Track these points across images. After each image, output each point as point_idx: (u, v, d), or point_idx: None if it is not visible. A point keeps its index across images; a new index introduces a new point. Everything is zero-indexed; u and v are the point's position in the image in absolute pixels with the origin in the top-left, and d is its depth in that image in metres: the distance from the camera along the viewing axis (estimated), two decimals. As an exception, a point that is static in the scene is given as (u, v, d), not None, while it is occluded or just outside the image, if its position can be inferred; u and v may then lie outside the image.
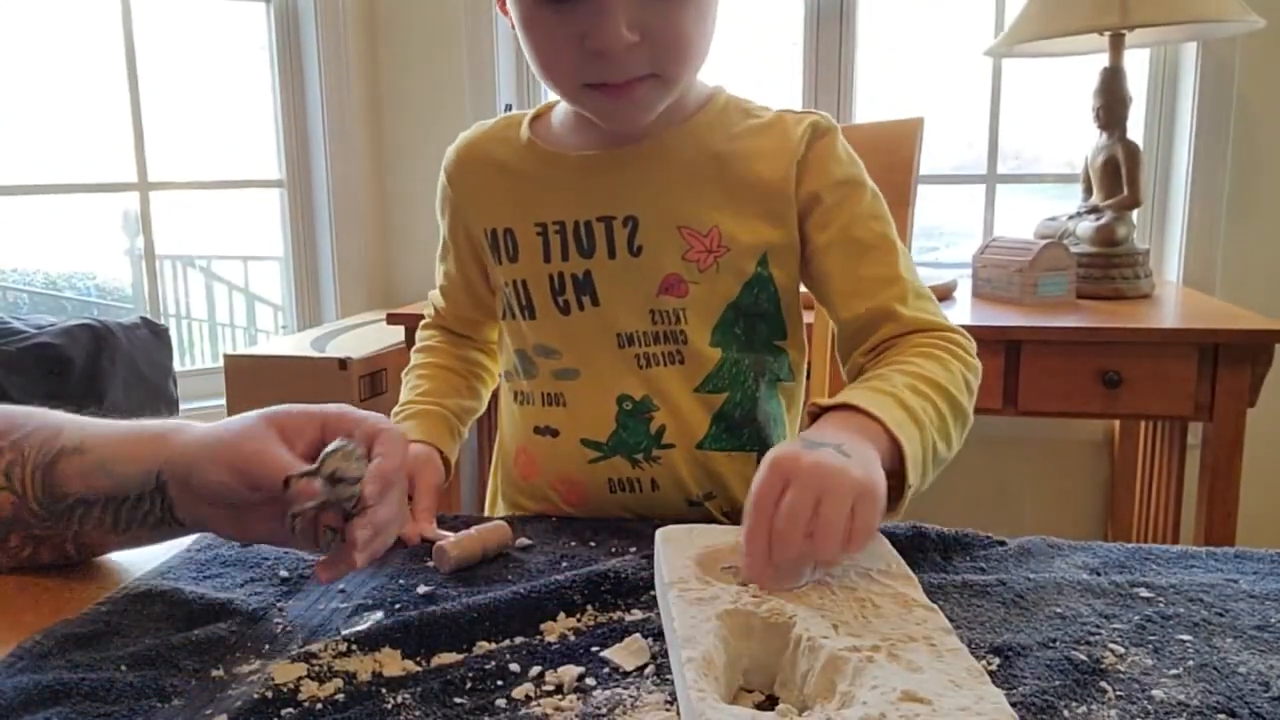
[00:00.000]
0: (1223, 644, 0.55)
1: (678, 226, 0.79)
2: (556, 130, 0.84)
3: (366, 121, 2.39)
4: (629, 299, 0.80)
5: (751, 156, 0.80)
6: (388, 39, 2.39)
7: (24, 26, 2.34)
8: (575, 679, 0.51)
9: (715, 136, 0.81)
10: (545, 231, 0.81)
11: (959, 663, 0.47)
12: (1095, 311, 1.65)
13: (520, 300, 0.83)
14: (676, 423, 0.81)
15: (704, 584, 0.55)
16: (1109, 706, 0.48)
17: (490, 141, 0.86)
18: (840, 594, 0.54)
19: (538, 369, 0.84)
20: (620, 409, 0.81)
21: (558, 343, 0.82)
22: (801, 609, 0.51)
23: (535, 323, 0.83)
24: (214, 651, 0.55)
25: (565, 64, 0.72)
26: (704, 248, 0.79)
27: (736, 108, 0.83)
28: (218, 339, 3.92)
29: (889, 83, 2.31)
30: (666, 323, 0.80)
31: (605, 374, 0.81)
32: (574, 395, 0.82)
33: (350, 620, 0.59)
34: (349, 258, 2.40)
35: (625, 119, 0.76)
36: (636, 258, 0.79)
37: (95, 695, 0.50)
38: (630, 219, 0.79)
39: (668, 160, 0.80)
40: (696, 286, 0.80)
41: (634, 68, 0.71)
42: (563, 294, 0.81)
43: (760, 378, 0.83)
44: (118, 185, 2.33)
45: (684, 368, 0.81)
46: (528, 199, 0.82)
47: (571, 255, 0.80)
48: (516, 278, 0.83)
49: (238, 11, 2.37)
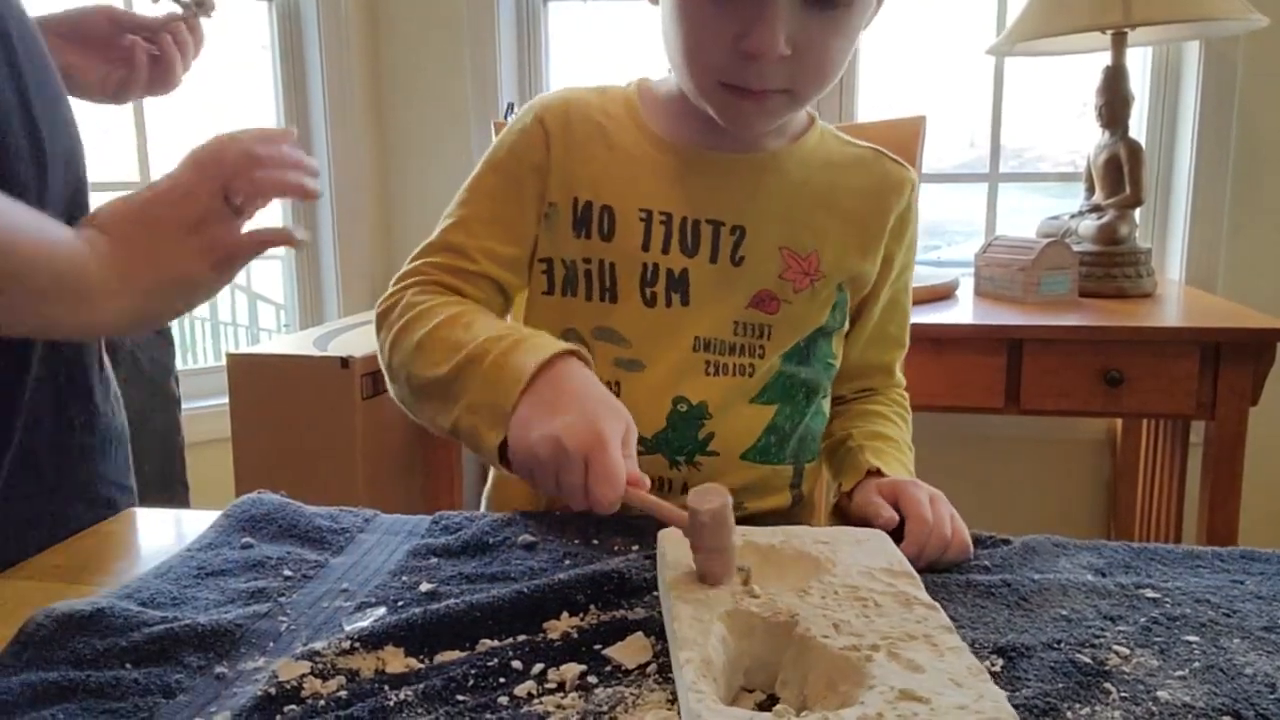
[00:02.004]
0: (1229, 645, 0.54)
1: (780, 246, 0.80)
2: (661, 116, 0.82)
3: (368, 121, 2.39)
4: (719, 306, 0.80)
5: (856, 192, 0.83)
6: (390, 38, 2.39)
7: (26, 25, 2.34)
8: (577, 677, 0.51)
9: (821, 162, 0.83)
10: (649, 219, 0.79)
11: (960, 661, 0.46)
12: (1097, 310, 1.65)
13: (602, 281, 0.80)
14: (726, 431, 0.81)
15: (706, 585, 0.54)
16: (1113, 708, 0.48)
17: (596, 109, 0.83)
18: (842, 592, 0.54)
19: (592, 352, 0.78)
20: (674, 409, 0.80)
21: (630, 333, 0.80)
22: (803, 608, 0.51)
23: (611, 306, 0.80)
24: (218, 648, 0.56)
25: (711, 59, 0.72)
26: (802, 270, 0.81)
27: (833, 135, 0.86)
28: (220, 338, 3.92)
29: (891, 81, 2.30)
30: (749, 335, 0.81)
31: (670, 373, 0.80)
32: (631, 387, 0.80)
33: (353, 618, 0.59)
34: (351, 257, 2.40)
35: (749, 125, 0.76)
36: (737, 267, 0.80)
37: (100, 691, 0.50)
38: (738, 228, 0.79)
39: (781, 177, 0.81)
40: (789, 306, 0.81)
41: (776, 79, 0.71)
42: (653, 285, 0.79)
43: (813, 395, 0.85)
44: (119, 184, 2.33)
45: (749, 380, 0.81)
46: (635, 180, 0.80)
47: (673, 249, 0.79)
48: (604, 258, 0.80)
49: (240, 11, 2.37)
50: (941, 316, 1.65)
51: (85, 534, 0.77)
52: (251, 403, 1.74)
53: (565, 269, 0.81)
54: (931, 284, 1.82)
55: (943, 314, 1.68)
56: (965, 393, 1.62)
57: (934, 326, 1.59)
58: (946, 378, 1.60)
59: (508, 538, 0.72)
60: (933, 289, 1.81)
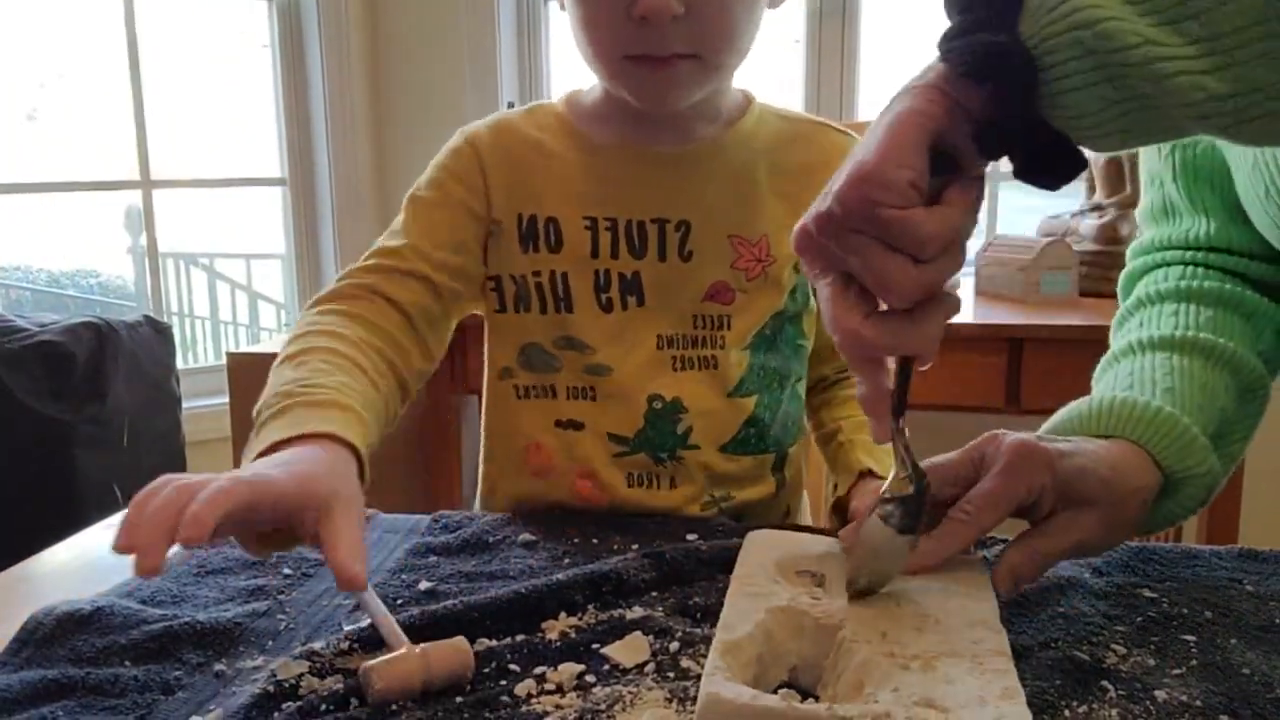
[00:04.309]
0: (1226, 644, 0.54)
1: (728, 235, 0.80)
2: (592, 122, 0.82)
3: (369, 119, 2.39)
4: (675, 303, 0.80)
5: (801, 168, 0.81)
6: (389, 36, 2.39)
7: (27, 25, 2.35)
8: (575, 676, 0.51)
9: (761, 143, 0.81)
10: (595, 226, 0.79)
11: (998, 682, 0.45)
12: (1098, 309, 1.64)
13: (555, 292, 0.80)
14: (704, 425, 0.81)
15: (772, 582, 0.54)
16: (1111, 706, 0.48)
17: (527, 125, 0.82)
18: (905, 607, 0.52)
19: (559, 362, 0.81)
20: (650, 408, 0.80)
21: (593, 338, 0.80)
22: (856, 613, 0.51)
23: (568, 316, 0.80)
24: (217, 646, 0.56)
25: (610, 33, 0.72)
26: (753, 257, 0.80)
27: (771, 114, 0.84)
28: (220, 337, 3.92)
29: (892, 80, 2.30)
30: (708, 328, 0.80)
31: (639, 372, 0.80)
32: (604, 390, 0.80)
33: (352, 617, 0.59)
34: (351, 255, 2.40)
35: (660, 96, 0.75)
36: (687, 263, 0.79)
37: (100, 689, 0.50)
38: (683, 223, 0.79)
39: (721, 166, 0.80)
40: (743, 295, 0.80)
41: (677, 42, 0.70)
42: (607, 291, 0.79)
43: (785, 380, 0.84)
44: (120, 183, 2.33)
45: (716, 373, 0.81)
46: (575, 188, 0.79)
47: (622, 253, 0.79)
48: (555, 269, 0.79)
49: (240, 9, 2.37)
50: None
51: (85, 533, 0.77)
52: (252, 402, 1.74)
53: (515, 285, 0.81)
54: (932, 283, 1.81)
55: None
56: (965, 392, 1.62)
57: (934, 326, 1.59)
58: (946, 377, 1.60)
59: (507, 537, 0.72)
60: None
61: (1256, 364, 0.67)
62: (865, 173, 0.47)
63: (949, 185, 0.48)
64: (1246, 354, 0.67)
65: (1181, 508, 0.63)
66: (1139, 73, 0.44)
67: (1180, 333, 0.67)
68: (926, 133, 0.47)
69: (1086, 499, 0.57)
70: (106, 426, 1.90)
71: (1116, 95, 0.45)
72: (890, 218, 0.46)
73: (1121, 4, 0.45)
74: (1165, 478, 0.61)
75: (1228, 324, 0.69)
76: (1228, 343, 0.67)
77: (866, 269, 0.48)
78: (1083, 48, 0.45)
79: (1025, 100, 0.47)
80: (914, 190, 0.47)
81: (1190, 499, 0.63)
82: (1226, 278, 0.71)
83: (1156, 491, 0.61)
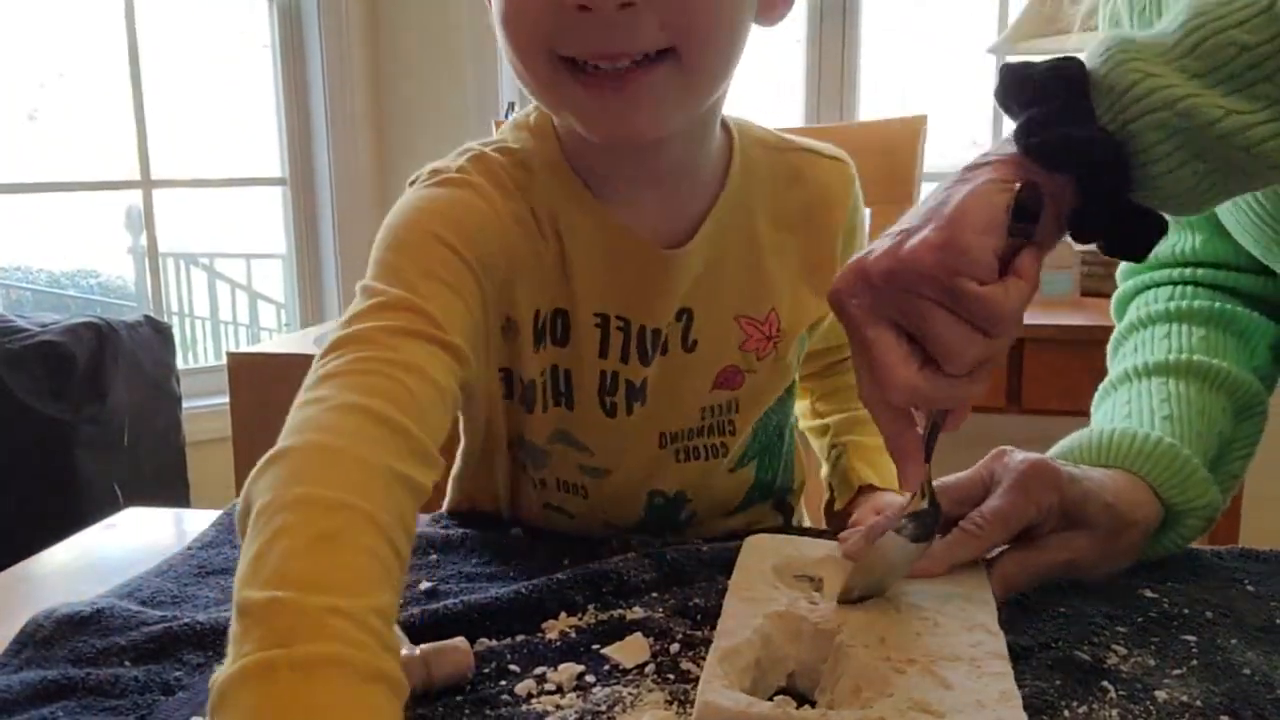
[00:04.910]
0: (1227, 644, 0.54)
1: (735, 316, 0.70)
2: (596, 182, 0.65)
3: (369, 119, 2.39)
4: (680, 398, 0.70)
5: (800, 211, 0.71)
6: (390, 36, 2.39)
7: (27, 25, 2.35)
8: (575, 676, 0.51)
9: (757, 193, 0.69)
10: (606, 324, 0.66)
11: (995, 685, 0.45)
12: (1099, 309, 1.64)
13: (556, 387, 0.68)
14: (707, 505, 0.75)
15: (771, 587, 0.54)
16: (1111, 706, 0.48)
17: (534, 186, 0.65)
18: (903, 610, 0.52)
19: (549, 458, 0.71)
20: (650, 503, 0.73)
21: (592, 441, 0.70)
22: (854, 617, 0.51)
23: (569, 414, 0.69)
24: (217, 647, 0.56)
25: (533, 26, 0.54)
26: (762, 335, 0.71)
27: (757, 145, 0.70)
28: (220, 337, 3.92)
29: (892, 80, 2.30)
30: (717, 415, 0.72)
31: (639, 472, 0.72)
32: (599, 490, 0.72)
33: (352, 618, 0.59)
34: (352, 255, 2.40)
35: (622, 122, 0.56)
36: (691, 353, 0.69)
37: (100, 689, 0.50)
38: (684, 311, 0.68)
39: (723, 244, 0.68)
40: (753, 376, 0.71)
41: (640, 35, 0.53)
42: (612, 395, 0.68)
43: (784, 429, 0.79)
44: (121, 183, 2.34)
45: (725, 458, 0.74)
46: (584, 279, 0.65)
47: (632, 359, 0.67)
48: (559, 364, 0.68)
49: (240, 9, 2.37)
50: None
51: (85, 533, 0.77)
52: (252, 402, 1.74)
53: (523, 386, 0.69)
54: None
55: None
56: (966, 392, 1.61)
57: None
58: (947, 377, 1.60)
59: (507, 537, 0.72)
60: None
61: (1252, 382, 0.68)
62: (947, 242, 0.46)
63: (1019, 251, 0.48)
64: (1241, 373, 0.67)
65: (1181, 538, 0.64)
66: (1228, 144, 0.45)
67: (1174, 356, 0.67)
68: (1008, 211, 0.47)
69: (1088, 522, 0.58)
70: (106, 426, 1.90)
71: (1207, 168, 0.47)
72: (968, 292, 0.46)
73: (1189, 79, 0.46)
74: (1166, 510, 0.62)
75: (1221, 343, 0.69)
76: (1222, 363, 0.67)
77: (932, 335, 0.47)
78: (1168, 129, 0.46)
79: (1116, 188, 0.48)
80: (995, 266, 0.47)
81: (1190, 529, 0.64)
82: (1217, 295, 0.71)
83: (1157, 524, 0.62)
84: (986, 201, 0.47)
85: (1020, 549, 0.58)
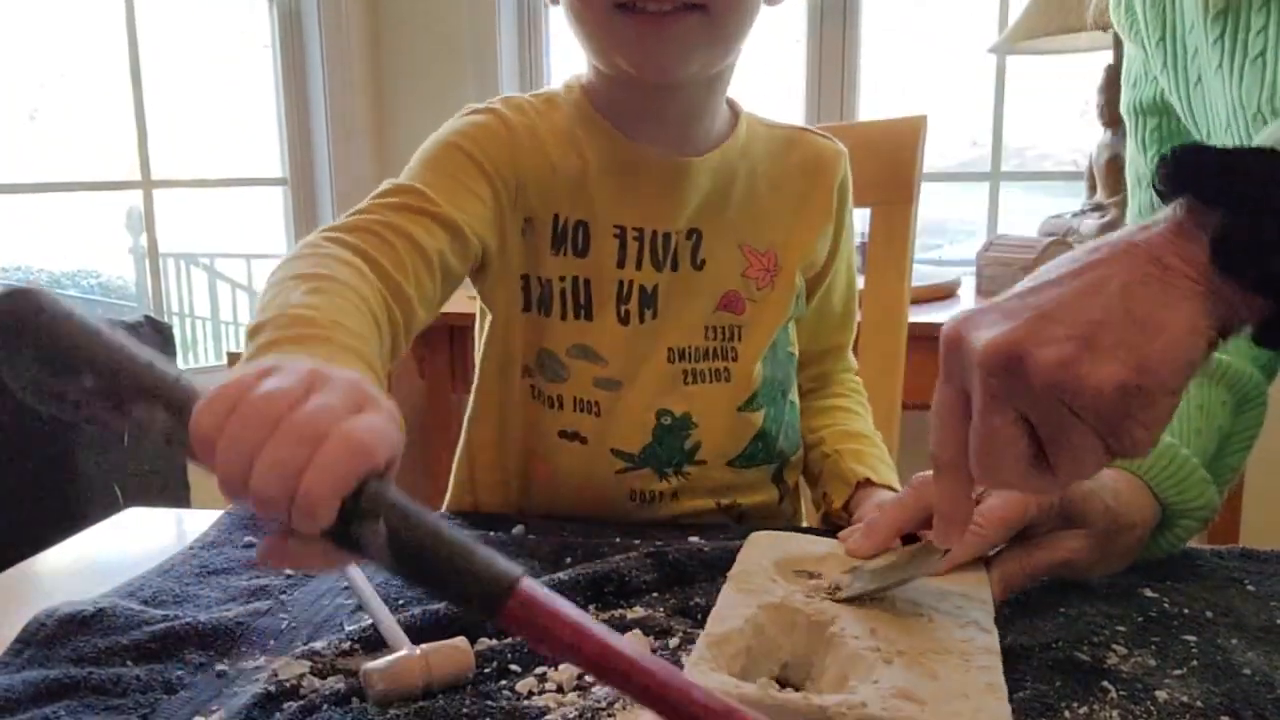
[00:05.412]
0: (1227, 644, 0.54)
1: (739, 244, 0.79)
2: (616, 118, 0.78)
3: (369, 119, 2.39)
4: (688, 314, 0.78)
5: (796, 173, 0.82)
6: (390, 36, 2.39)
7: (27, 24, 2.35)
8: (575, 676, 0.51)
9: (758, 153, 0.81)
10: (623, 235, 0.76)
11: (982, 678, 0.45)
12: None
13: (576, 299, 0.77)
14: (713, 439, 0.79)
15: (769, 580, 0.54)
16: (1111, 707, 0.48)
17: (554, 114, 0.78)
18: (899, 605, 0.52)
19: (568, 372, 0.78)
20: (659, 423, 0.78)
21: (608, 351, 0.77)
22: (849, 610, 0.51)
23: (587, 324, 0.77)
24: (219, 646, 0.56)
25: None
26: (762, 266, 0.80)
27: (758, 122, 0.83)
28: (221, 337, 3.92)
29: (892, 80, 2.30)
30: (721, 339, 0.79)
31: (649, 388, 0.78)
32: (611, 405, 0.78)
33: (353, 617, 0.59)
34: (352, 255, 2.40)
35: (659, 56, 0.69)
36: (700, 271, 0.78)
37: (102, 688, 0.50)
38: (694, 231, 0.78)
39: (728, 176, 0.79)
40: (754, 305, 0.80)
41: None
42: (627, 303, 0.77)
43: (786, 390, 0.84)
44: (121, 183, 2.33)
45: (729, 385, 0.79)
46: (605, 193, 0.76)
47: (645, 266, 0.77)
48: (578, 275, 0.76)
49: (240, 10, 2.37)
50: (943, 316, 1.64)
51: (86, 533, 0.77)
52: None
53: (541, 287, 0.77)
54: (933, 283, 1.82)
55: (944, 313, 1.66)
56: (966, 392, 1.61)
57: (935, 326, 1.58)
58: (947, 377, 1.60)
59: (507, 537, 0.72)
60: (934, 288, 1.81)
61: (1252, 372, 0.67)
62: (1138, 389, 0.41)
63: None
64: (1241, 364, 0.67)
65: (1177, 539, 0.65)
66: None
67: None
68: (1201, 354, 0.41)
69: (1088, 522, 0.59)
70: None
71: None
72: (1133, 435, 0.41)
73: None
74: (1163, 510, 0.62)
75: None
76: (1221, 355, 0.67)
77: (1068, 448, 0.43)
78: None
79: None
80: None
81: (1186, 530, 0.64)
82: None
83: (1154, 526, 0.62)
84: (1187, 347, 0.41)
85: (1020, 549, 0.58)
